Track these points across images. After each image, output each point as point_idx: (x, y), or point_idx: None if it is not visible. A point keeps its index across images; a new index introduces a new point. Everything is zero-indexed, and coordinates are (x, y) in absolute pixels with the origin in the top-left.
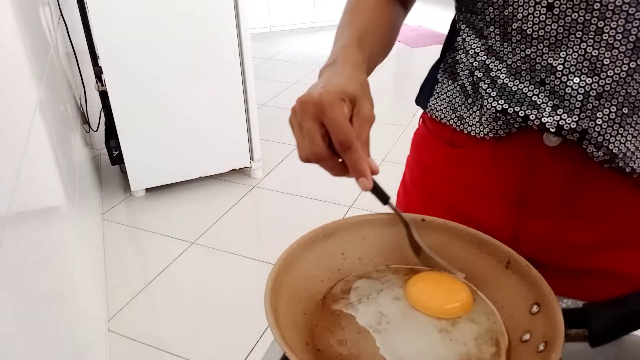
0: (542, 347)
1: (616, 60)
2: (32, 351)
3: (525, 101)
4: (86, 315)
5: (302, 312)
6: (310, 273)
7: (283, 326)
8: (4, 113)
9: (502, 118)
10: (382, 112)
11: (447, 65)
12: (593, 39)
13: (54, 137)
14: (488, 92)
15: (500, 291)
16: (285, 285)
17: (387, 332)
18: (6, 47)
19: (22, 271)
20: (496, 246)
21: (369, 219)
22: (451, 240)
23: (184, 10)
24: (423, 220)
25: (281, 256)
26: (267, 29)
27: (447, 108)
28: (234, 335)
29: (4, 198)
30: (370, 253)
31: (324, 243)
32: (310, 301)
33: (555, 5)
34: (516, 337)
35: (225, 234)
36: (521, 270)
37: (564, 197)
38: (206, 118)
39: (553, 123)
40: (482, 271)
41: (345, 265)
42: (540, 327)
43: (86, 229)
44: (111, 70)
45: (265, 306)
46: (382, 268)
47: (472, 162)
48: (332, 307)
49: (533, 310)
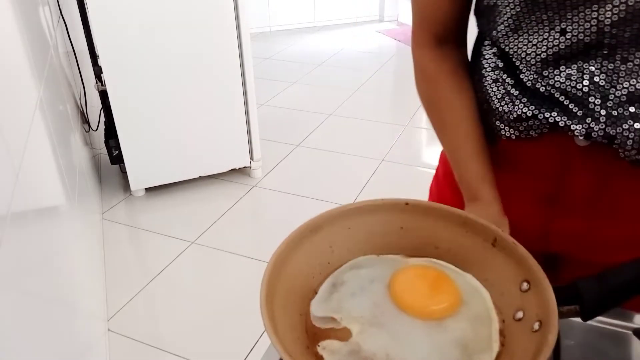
0: (537, 327)
1: (631, 72)
2: (32, 351)
3: (555, 107)
4: (86, 315)
5: (298, 313)
6: (301, 271)
7: (281, 332)
8: (4, 113)
9: (532, 121)
10: (382, 112)
11: (477, 70)
12: (607, 53)
13: (54, 137)
14: (519, 98)
15: (489, 270)
16: (279, 289)
17: (383, 324)
18: (6, 47)
19: (22, 271)
20: (482, 225)
21: (353, 208)
22: (436, 222)
23: (184, 10)
24: (407, 204)
25: (270, 260)
26: (267, 29)
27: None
28: (234, 335)
29: (4, 198)
30: (358, 243)
31: (311, 239)
32: (304, 301)
33: (567, 30)
34: (509, 315)
35: (225, 234)
36: (508, 247)
37: (595, 196)
38: (206, 118)
39: (582, 130)
40: (469, 250)
41: (334, 257)
42: (533, 305)
43: (86, 228)
44: (111, 70)
45: (262, 315)
46: (372, 258)
47: (503, 160)
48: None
49: (523, 288)
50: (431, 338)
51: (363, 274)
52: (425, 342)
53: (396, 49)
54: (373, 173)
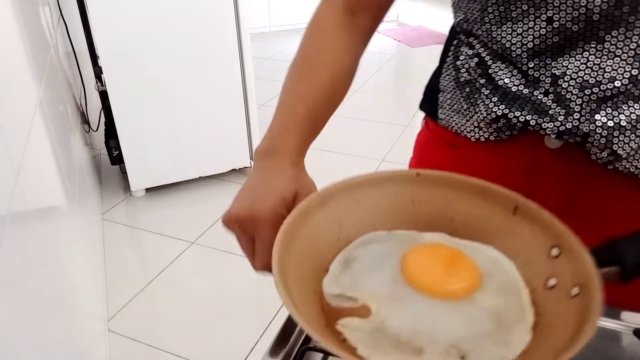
0: (575, 291)
1: (618, 67)
2: (32, 351)
3: (527, 106)
4: (86, 315)
5: (312, 290)
6: (311, 248)
7: (300, 308)
8: (4, 113)
9: (502, 122)
10: (382, 112)
11: (448, 72)
12: (595, 47)
13: (54, 137)
14: (490, 98)
15: (511, 239)
16: (290, 264)
17: (404, 299)
18: (6, 47)
19: (22, 271)
20: (500, 192)
21: (361, 180)
22: (450, 193)
23: (184, 10)
24: (418, 174)
25: (278, 236)
26: (267, 29)
27: (450, 115)
28: (234, 335)
29: (4, 198)
30: (368, 218)
31: (319, 212)
32: (317, 278)
33: (554, 18)
34: (540, 284)
35: (225, 234)
36: (531, 214)
37: (566, 199)
38: (206, 118)
39: (554, 128)
40: (487, 221)
41: (342, 233)
42: (567, 271)
43: (86, 229)
44: (111, 70)
45: (279, 290)
46: (383, 234)
47: (473, 164)
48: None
49: (553, 254)
50: (460, 312)
51: (375, 250)
52: (454, 316)
53: (396, 49)
54: None
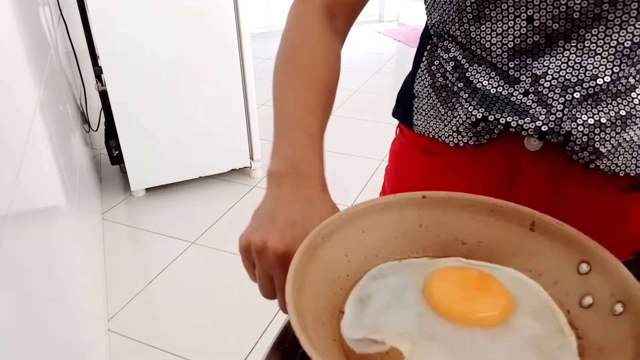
0: (620, 308)
1: (599, 65)
2: (32, 351)
3: (507, 108)
4: (86, 315)
5: (331, 339)
6: (322, 290)
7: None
8: (4, 113)
9: (482, 125)
10: (382, 112)
11: (423, 77)
12: (576, 46)
13: (54, 137)
14: (468, 101)
15: (532, 258)
16: (306, 314)
17: (437, 337)
18: (6, 47)
19: (22, 271)
20: (513, 209)
21: (364, 208)
22: (459, 214)
23: (184, 10)
24: (424, 197)
25: (288, 283)
26: (267, 29)
27: (427, 121)
28: (234, 335)
29: (4, 198)
30: (374, 248)
31: (324, 247)
32: (333, 324)
33: (534, 17)
34: (574, 304)
35: (225, 234)
36: (551, 229)
37: (547, 203)
38: (206, 118)
39: (536, 128)
40: (503, 241)
41: (352, 268)
42: (603, 287)
43: (86, 228)
44: (111, 70)
45: (303, 345)
46: (394, 264)
47: (451, 170)
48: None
49: (582, 270)
50: (498, 341)
51: (390, 283)
52: (494, 346)
53: (396, 49)
54: (373, 173)
